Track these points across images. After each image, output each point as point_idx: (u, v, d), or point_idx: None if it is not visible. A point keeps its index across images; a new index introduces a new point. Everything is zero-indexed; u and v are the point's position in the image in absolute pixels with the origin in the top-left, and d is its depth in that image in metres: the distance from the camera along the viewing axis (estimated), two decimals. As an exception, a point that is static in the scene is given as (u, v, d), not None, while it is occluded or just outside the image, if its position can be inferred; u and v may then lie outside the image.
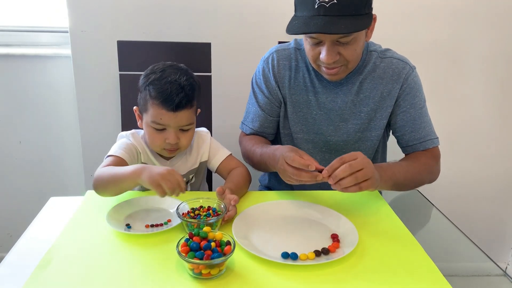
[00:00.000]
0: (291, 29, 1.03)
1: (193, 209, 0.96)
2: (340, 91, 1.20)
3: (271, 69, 1.24)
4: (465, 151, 1.92)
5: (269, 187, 1.42)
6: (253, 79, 1.30)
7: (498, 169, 1.97)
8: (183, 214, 0.93)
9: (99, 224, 0.93)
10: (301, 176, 0.95)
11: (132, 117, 1.20)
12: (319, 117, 1.23)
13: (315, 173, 0.93)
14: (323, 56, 1.06)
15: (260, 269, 0.80)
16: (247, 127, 1.31)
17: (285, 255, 0.82)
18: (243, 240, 0.87)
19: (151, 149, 1.17)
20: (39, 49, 1.72)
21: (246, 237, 0.89)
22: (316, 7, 0.98)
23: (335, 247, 0.86)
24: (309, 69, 1.22)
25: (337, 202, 1.08)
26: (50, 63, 1.73)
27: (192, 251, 0.76)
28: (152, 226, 0.93)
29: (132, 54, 1.46)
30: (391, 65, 1.18)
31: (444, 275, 0.80)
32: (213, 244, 0.78)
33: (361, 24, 1.01)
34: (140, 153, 1.16)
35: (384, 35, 1.37)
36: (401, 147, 1.26)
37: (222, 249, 0.78)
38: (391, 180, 1.06)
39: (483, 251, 0.95)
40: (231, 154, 1.24)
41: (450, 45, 1.76)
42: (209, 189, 1.45)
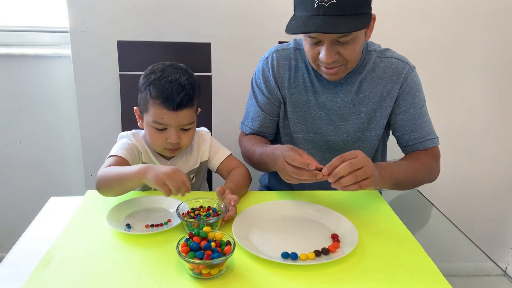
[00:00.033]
0: (290, 28, 1.03)
1: (193, 209, 0.96)
2: (339, 91, 1.20)
3: (270, 69, 1.24)
4: (465, 151, 1.92)
5: (269, 187, 1.42)
6: (253, 79, 1.30)
7: (498, 168, 1.96)
8: (183, 214, 0.93)
9: (99, 224, 0.93)
10: (301, 175, 0.95)
11: (132, 117, 1.20)
12: (319, 117, 1.23)
13: (315, 171, 0.93)
14: (322, 55, 1.06)
15: (260, 269, 0.80)
16: (246, 127, 1.31)
17: (285, 255, 0.82)
18: (243, 240, 0.87)
19: (152, 149, 1.17)
20: (39, 49, 1.72)
21: (246, 237, 0.89)
22: (315, 6, 0.99)
23: (335, 247, 0.86)
24: (309, 69, 1.22)
25: (337, 202, 1.07)
26: (50, 63, 1.73)
27: (192, 251, 0.76)
28: (152, 226, 0.93)
29: (132, 54, 1.47)
30: (391, 65, 1.18)
31: (444, 275, 0.80)
32: (213, 244, 0.78)
33: (360, 23, 1.01)
34: (141, 153, 1.16)
35: (384, 35, 1.37)
36: (401, 147, 1.26)
37: (222, 249, 0.78)
38: (391, 179, 1.07)
39: (483, 251, 0.95)
40: (232, 154, 1.24)
41: (449, 45, 1.76)
42: (209, 189, 1.46)
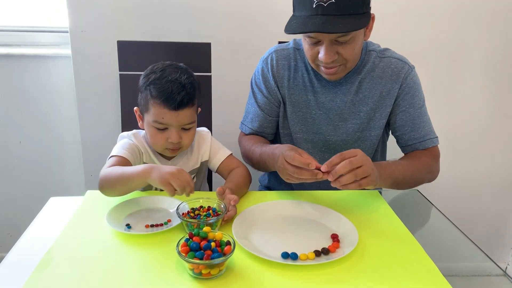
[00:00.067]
0: (290, 28, 1.03)
1: (193, 209, 0.96)
2: (339, 90, 1.20)
3: (270, 69, 1.24)
4: (465, 151, 1.92)
5: (269, 187, 1.42)
6: (252, 79, 1.30)
7: (498, 168, 1.96)
8: (183, 214, 0.93)
9: (99, 224, 0.93)
10: (301, 174, 0.95)
11: (132, 117, 1.20)
12: (319, 116, 1.23)
13: (316, 171, 0.93)
14: (321, 55, 1.06)
15: (260, 269, 0.80)
16: (246, 127, 1.31)
17: (285, 255, 0.82)
18: (243, 240, 0.87)
19: (153, 149, 1.17)
20: (39, 49, 1.72)
21: (246, 237, 0.89)
22: (314, 6, 0.99)
23: (335, 247, 0.86)
24: (308, 69, 1.22)
25: (337, 202, 1.07)
26: (50, 63, 1.73)
27: (192, 251, 0.76)
28: (152, 226, 0.93)
29: (132, 54, 1.47)
30: (390, 65, 1.18)
31: (444, 275, 0.80)
32: (213, 244, 0.78)
33: (359, 23, 1.01)
34: (142, 153, 1.16)
35: (383, 35, 1.37)
36: (401, 147, 1.26)
37: (222, 249, 0.78)
38: (391, 178, 1.07)
39: (483, 251, 0.95)
40: (232, 154, 1.24)
41: (449, 44, 1.76)
42: (209, 189, 1.46)
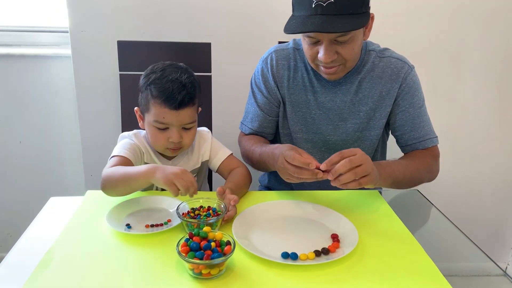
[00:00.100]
0: (289, 28, 1.04)
1: (193, 209, 0.96)
2: (339, 90, 1.20)
3: (269, 69, 1.24)
4: (465, 151, 1.92)
5: (268, 187, 1.42)
6: (252, 79, 1.30)
7: (498, 168, 1.96)
8: (183, 214, 0.93)
9: (99, 224, 0.93)
10: (301, 174, 0.95)
11: (132, 117, 1.20)
12: (318, 116, 1.23)
13: (316, 170, 0.93)
14: (321, 55, 1.06)
15: (260, 269, 0.80)
16: (246, 127, 1.31)
17: (285, 255, 0.82)
18: (243, 240, 0.87)
19: (154, 149, 1.17)
20: (39, 49, 1.72)
21: (246, 237, 0.89)
22: (313, 6, 0.99)
23: (335, 247, 0.86)
24: (308, 69, 1.22)
25: (337, 202, 1.07)
26: (50, 63, 1.73)
27: (192, 251, 0.76)
28: (152, 226, 0.93)
29: (132, 54, 1.47)
30: (390, 65, 1.18)
31: (444, 275, 0.80)
32: (213, 244, 0.78)
33: (358, 22, 1.01)
34: (143, 153, 1.16)
35: (383, 35, 1.37)
36: (400, 147, 1.26)
37: (222, 249, 0.78)
38: (390, 177, 1.07)
39: (483, 251, 0.95)
40: (232, 153, 1.24)
41: (449, 45, 1.76)
42: (210, 189, 1.46)
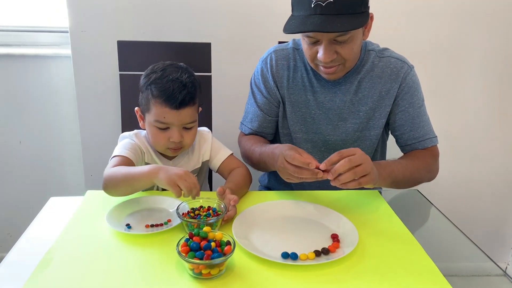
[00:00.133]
0: (288, 28, 1.04)
1: (193, 209, 0.96)
2: (338, 90, 1.20)
3: (269, 69, 1.24)
4: (465, 151, 1.92)
5: (268, 187, 1.42)
6: (252, 80, 1.30)
7: (498, 168, 1.96)
8: (183, 214, 0.93)
9: (99, 224, 0.93)
10: (302, 173, 0.95)
11: (132, 117, 1.20)
12: (318, 116, 1.23)
13: (316, 170, 0.93)
14: (320, 55, 1.06)
15: (260, 269, 0.80)
16: (246, 127, 1.31)
17: (285, 255, 0.82)
18: (243, 240, 0.87)
19: (154, 149, 1.17)
20: (39, 49, 1.72)
21: (246, 237, 0.89)
22: (312, 6, 0.99)
23: (335, 247, 0.86)
24: (307, 69, 1.22)
25: (337, 202, 1.07)
26: (50, 63, 1.73)
27: (192, 251, 0.76)
28: (152, 226, 0.93)
29: (132, 54, 1.47)
30: (390, 64, 1.18)
31: (444, 275, 0.80)
32: (213, 244, 0.78)
33: (357, 22, 1.01)
34: (144, 153, 1.16)
35: (383, 35, 1.37)
36: (400, 146, 1.26)
37: (222, 249, 0.78)
38: (390, 177, 1.07)
39: (483, 251, 0.95)
40: (232, 153, 1.24)
41: (449, 45, 1.76)
42: (210, 189, 1.46)
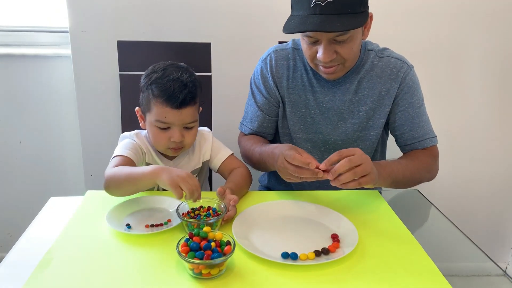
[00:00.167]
0: (288, 28, 1.04)
1: (193, 209, 0.96)
2: (338, 90, 1.20)
3: (269, 69, 1.24)
4: (465, 151, 1.92)
5: (268, 187, 1.42)
6: (252, 80, 1.30)
7: (497, 168, 1.96)
8: (183, 214, 0.93)
9: (99, 224, 0.93)
10: (302, 173, 0.95)
11: (132, 117, 1.20)
12: (318, 116, 1.23)
13: (316, 170, 0.93)
14: (320, 55, 1.06)
15: (260, 269, 0.80)
16: (246, 127, 1.31)
17: (285, 255, 0.82)
18: (243, 240, 0.87)
19: (155, 149, 1.17)
20: (39, 49, 1.72)
21: (246, 237, 0.89)
22: (312, 6, 0.99)
23: (335, 247, 0.86)
24: (307, 69, 1.22)
25: (337, 202, 1.07)
26: (50, 63, 1.73)
27: (192, 251, 0.76)
28: (152, 226, 0.93)
29: (132, 54, 1.47)
30: (389, 64, 1.18)
31: (444, 275, 0.80)
32: (213, 244, 0.78)
33: (357, 22, 1.01)
34: (145, 153, 1.16)
35: (383, 35, 1.37)
36: (400, 146, 1.26)
37: (222, 249, 0.78)
38: (390, 177, 1.07)
39: (483, 251, 0.95)
40: (233, 153, 1.24)
41: (449, 45, 1.76)
42: (210, 189, 1.46)
